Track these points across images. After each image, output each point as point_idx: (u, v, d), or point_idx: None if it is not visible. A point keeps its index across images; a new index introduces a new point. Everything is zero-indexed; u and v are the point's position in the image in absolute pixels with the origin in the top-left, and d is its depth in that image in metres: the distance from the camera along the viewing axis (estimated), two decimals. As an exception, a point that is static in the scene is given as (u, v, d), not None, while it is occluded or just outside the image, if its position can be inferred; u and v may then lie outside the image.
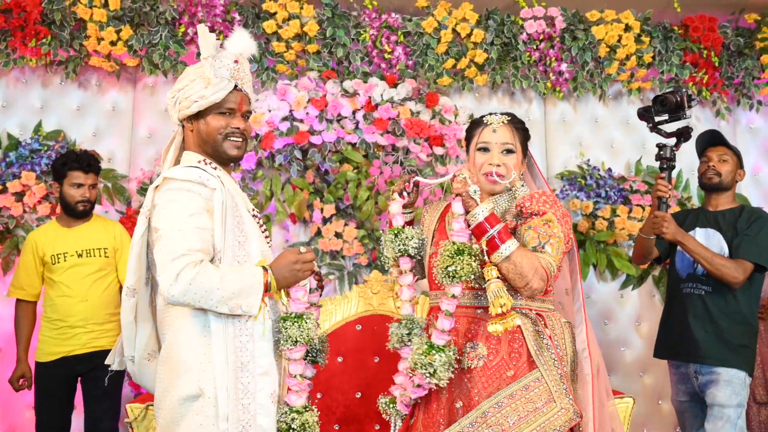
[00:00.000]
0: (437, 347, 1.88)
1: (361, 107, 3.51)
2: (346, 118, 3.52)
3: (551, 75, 3.73)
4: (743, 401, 2.73)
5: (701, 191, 3.69)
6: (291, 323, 1.81)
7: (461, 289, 1.93)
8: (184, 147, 1.94)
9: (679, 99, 2.65)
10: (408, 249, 2.08)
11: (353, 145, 3.54)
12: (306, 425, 1.83)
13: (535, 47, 3.69)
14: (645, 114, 2.78)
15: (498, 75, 3.70)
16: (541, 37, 3.68)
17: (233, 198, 1.84)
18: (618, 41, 3.71)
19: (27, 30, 3.31)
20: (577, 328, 2.07)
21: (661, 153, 2.74)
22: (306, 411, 1.86)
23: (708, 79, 3.82)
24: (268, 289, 1.75)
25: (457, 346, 1.96)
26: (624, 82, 3.86)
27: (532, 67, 3.71)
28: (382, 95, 3.53)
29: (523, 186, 2.10)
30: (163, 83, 3.61)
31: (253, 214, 1.92)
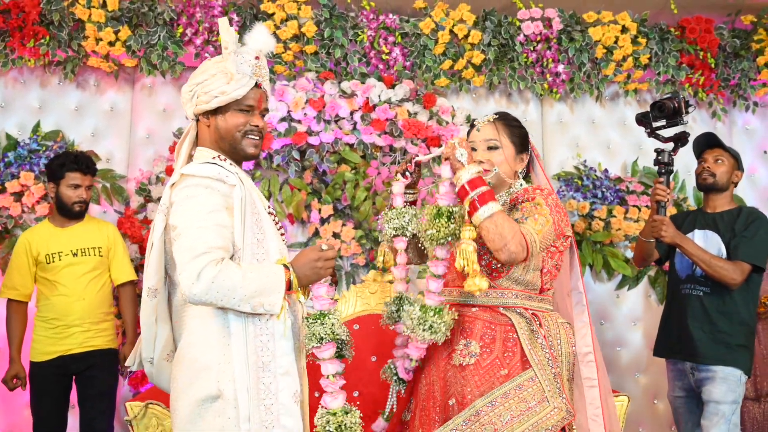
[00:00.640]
0: (429, 307, 1.92)
1: (359, 108, 3.52)
2: (343, 118, 3.53)
3: (548, 76, 3.74)
4: (738, 398, 2.76)
5: (698, 193, 3.71)
6: (313, 320, 1.78)
7: (447, 251, 1.95)
8: (197, 143, 1.89)
9: (677, 105, 2.69)
10: (405, 229, 2.10)
11: (351, 146, 3.55)
12: (343, 427, 1.79)
13: (532, 48, 3.69)
14: (643, 119, 2.82)
15: (495, 76, 3.70)
16: (538, 39, 3.68)
17: (251, 195, 1.80)
18: (615, 42, 3.72)
19: (25, 30, 3.31)
20: (580, 331, 2.09)
21: (659, 158, 2.77)
22: (344, 413, 1.81)
23: (704, 81, 3.83)
24: (289, 288, 1.71)
25: (451, 342, 1.98)
26: (621, 83, 3.87)
27: (529, 69, 3.72)
28: (379, 96, 3.53)
29: (522, 184, 2.10)
30: (162, 84, 3.62)
31: (269, 211, 1.87)
